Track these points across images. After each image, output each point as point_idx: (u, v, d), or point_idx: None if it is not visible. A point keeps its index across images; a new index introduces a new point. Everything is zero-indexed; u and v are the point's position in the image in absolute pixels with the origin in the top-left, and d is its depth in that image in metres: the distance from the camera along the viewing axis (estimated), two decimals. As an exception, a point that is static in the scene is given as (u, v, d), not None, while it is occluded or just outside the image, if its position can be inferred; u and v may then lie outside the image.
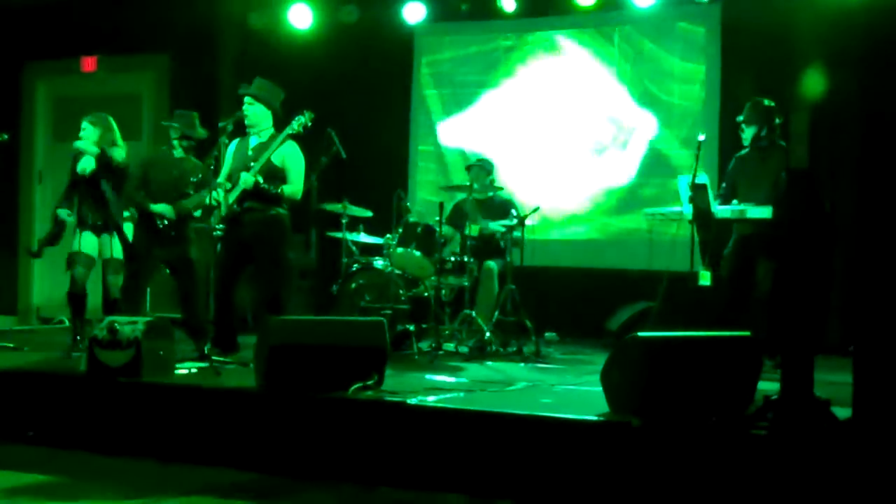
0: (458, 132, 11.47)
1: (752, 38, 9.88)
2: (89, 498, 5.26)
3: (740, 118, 8.01)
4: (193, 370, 6.96)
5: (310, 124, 7.86)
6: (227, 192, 7.72)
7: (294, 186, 7.83)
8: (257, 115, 7.90)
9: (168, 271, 8.53)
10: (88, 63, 12.61)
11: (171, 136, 8.39)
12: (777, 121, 7.89)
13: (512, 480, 5.24)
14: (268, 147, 7.78)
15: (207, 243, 8.29)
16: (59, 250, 8.41)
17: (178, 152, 8.36)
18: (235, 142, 8.04)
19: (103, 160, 8.05)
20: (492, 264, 9.03)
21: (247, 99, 7.91)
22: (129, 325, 6.61)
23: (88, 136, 8.16)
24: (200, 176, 8.25)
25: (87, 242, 8.13)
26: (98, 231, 8.14)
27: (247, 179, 7.63)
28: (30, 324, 12.01)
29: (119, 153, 8.15)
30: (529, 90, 11.17)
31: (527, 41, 11.23)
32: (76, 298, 8.20)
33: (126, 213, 8.22)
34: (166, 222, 8.14)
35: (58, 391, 6.65)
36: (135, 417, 6.32)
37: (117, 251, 8.15)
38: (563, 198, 10.86)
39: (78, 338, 8.04)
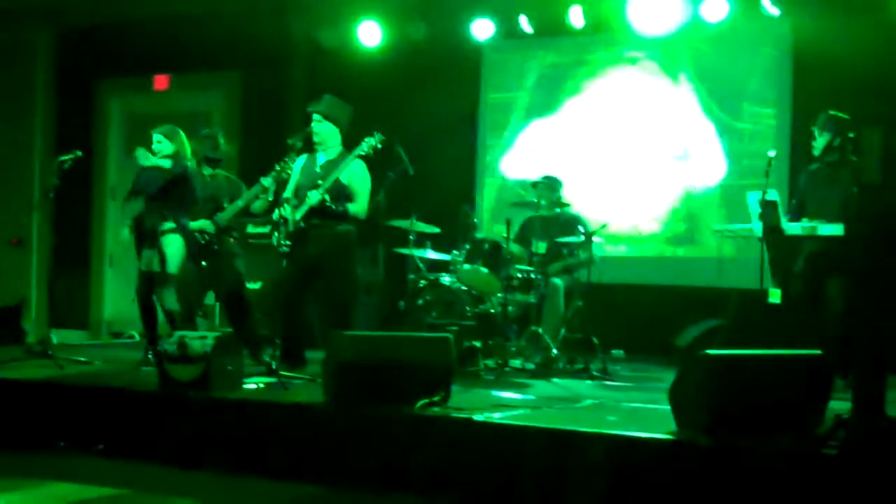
0: (526, 148, 11.46)
1: (823, 54, 9.75)
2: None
3: (813, 126, 7.93)
4: (262, 385, 7.01)
5: (379, 146, 7.93)
6: (294, 208, 7.79)
7: (359, 206, 7.92)
8: (326, 132, 7.99)
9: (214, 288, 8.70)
10: (161, 81, 12.79)
11: (198, 156, 8.53)
12: (850, 135, 7.80)
13: (577, 498, 5.21)
14: (336, 166, 7.85)
15: (273, 260, 8.36)
16: (130, 266, 8.52)
17: (207, 170, 8.50)
18: (303, 158, 8.12)
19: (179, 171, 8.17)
20: (557, 282, 8.98)
21: (315, 116, 8.00)
22: (199, 340, 6.68)
23: (163, 150, 8.27)
24: (234, 190, 8.40)
25: (145, 258, 8.21)
26: (152, 243, 8.16)
27: (314, 196, 7.71)
28: (101, 338, 12.17)
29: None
30: (598, 106, 11.14)
31: (594, 57, 11.20)
32: (145, 312, 8.30)
33: (170, 225, 8.23)
34: (207, 237, 8.26)
35: (129, 405, 6.73)
36: (204, 431, 6.38)
37: (169, 263, 8.15)
38: (632, 214, 10.81)
39: (149, 354, 8.13)
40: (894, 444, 4.76)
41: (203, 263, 8.30)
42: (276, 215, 7.80)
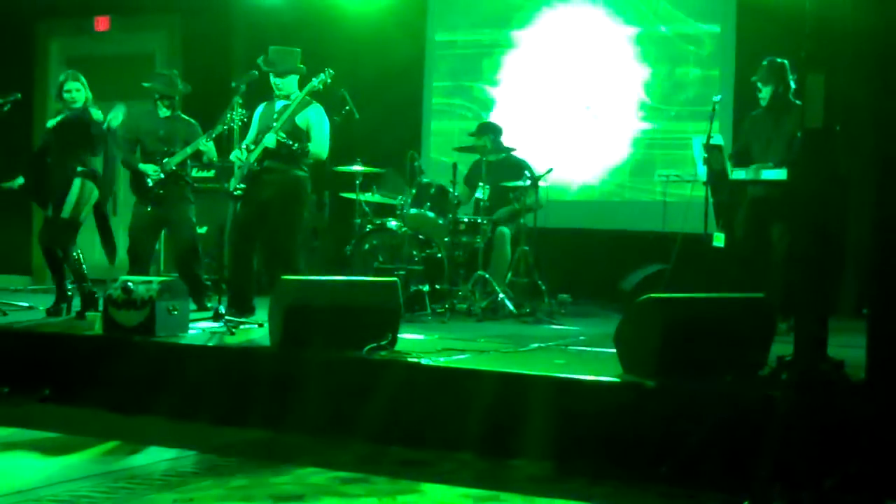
0: (471, 93, 11.44)
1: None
2: (104, 455, 5.31)
3: (755, 78, 7.95)
4: (208, 330, 6.98)
5: (329, 81, 7.86)
6: (250, 152, 7.74)
7: (318, 147, 7.84)
8: (287, 83, 7.92)
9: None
10: (101, 22, 12.60)
11: (154, 97, 8.41)
12: (791, 79, 7.84)
13: (524, 440, 5.25)
14: (290, 107, 7.80)
15: (223, 203, 8.30)
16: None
17: (163, 112, 8.38)
18: (263, 105, 8.08)
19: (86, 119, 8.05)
20: (504, 230, 9.01)
21: (275, 75, 7.93)
22: (144, 285, 6.63)
23: (84, 96, 8.12)
24: (189, 133, 8.30)
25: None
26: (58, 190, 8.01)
27: (269, 138, 7.65)
28: (44, 283, 12.04)
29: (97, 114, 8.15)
30: (543, 50, 11.12)
31: (540, 0, 11.17)
32: (48, 256, 8.21)
33: (81, 169, 8.06)
34: (151, 181, 8.17)
35: (73, 351, 6.68)
36: (149, 376, 6.34)
37: (61, 210, 7.98)
38: (578, 159, 10.83)
39: (62, 304, 8.11)
40: (835, 386, 4.83)
41: (148, 208, 8.23)
42: (233, 157, 7.75)
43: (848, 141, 9.01)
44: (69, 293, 8.12)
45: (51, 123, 8.21)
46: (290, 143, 7.67)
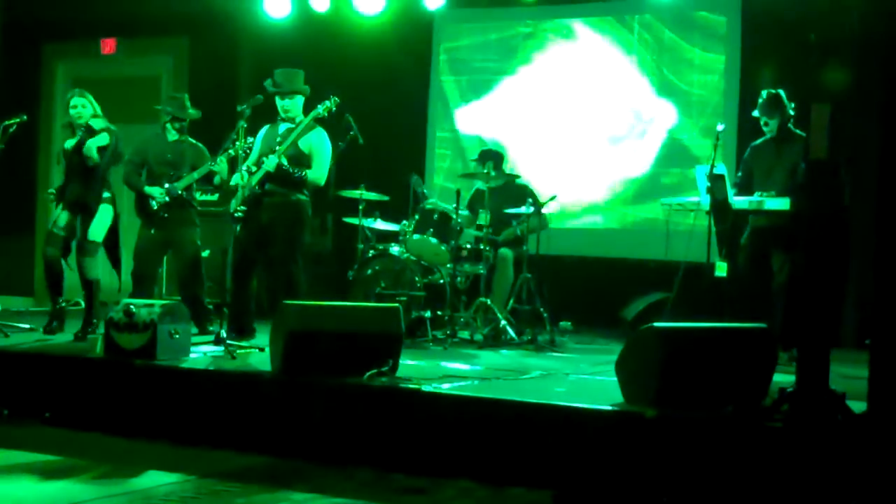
0: (476, 119, 11.45)
1: (772, 28, 9.81)
2: (104, 478, 5.30)
3: (757, 113, 7.95)
4: (209, 354, 6.98)
5: (334, 109, 7.90)
6: (252, 174, 7.75)
7: (317, 172, 7.88)
8: (293, 105, 7.95)
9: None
10: (108, 45, 12.64)
11: (162, 119, 8.43)
12: (790, 108, 7.86)
13: (524, 468, 5.24)
14: (294, 131, 7.83)
15: (226, 227, 8.31)
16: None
17: (172, 135, 8.40)
18: (266, 128, 8.11)
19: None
20: (507, 252, 9.00)
21: (282, 96, 7.95)
22: (146, 308, 6.63)
23: (85, 113, 8.11)
24: (196, 157, 8.31)
25: (63, 220, 8.08)
26: (75, 210, 8.05)
27: (270, 161, 7.67)
28: (46, 305, 12.04)
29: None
30: (548, 78, 11.14)
31: (546, 28, 11.21)
32: (51, 277, 8.19)
33: (106, 195, 8.14)
34: (156, 205, 8.17)
35: (74, 373, 6.67)
36: (150, 400, 6.34)
37: (93, 233, 8.03)
38: (581, 186, 10.84)
39: (55, 322, 8.16)
40: (837, 417, 4.82)
41: (152, 231, 8.24)
42: (234, 181, 7.77)
43: (851, 170, 9.04)
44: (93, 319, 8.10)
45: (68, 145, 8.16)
46: (291, 168, 7.70)
